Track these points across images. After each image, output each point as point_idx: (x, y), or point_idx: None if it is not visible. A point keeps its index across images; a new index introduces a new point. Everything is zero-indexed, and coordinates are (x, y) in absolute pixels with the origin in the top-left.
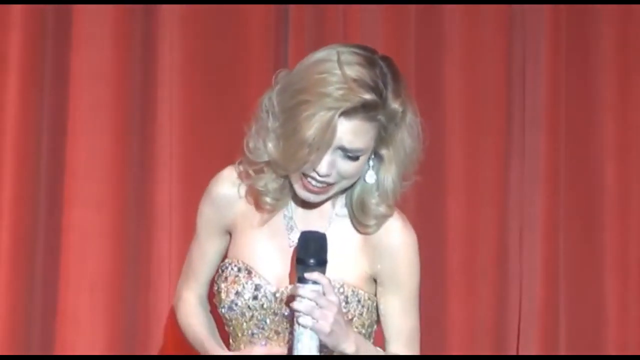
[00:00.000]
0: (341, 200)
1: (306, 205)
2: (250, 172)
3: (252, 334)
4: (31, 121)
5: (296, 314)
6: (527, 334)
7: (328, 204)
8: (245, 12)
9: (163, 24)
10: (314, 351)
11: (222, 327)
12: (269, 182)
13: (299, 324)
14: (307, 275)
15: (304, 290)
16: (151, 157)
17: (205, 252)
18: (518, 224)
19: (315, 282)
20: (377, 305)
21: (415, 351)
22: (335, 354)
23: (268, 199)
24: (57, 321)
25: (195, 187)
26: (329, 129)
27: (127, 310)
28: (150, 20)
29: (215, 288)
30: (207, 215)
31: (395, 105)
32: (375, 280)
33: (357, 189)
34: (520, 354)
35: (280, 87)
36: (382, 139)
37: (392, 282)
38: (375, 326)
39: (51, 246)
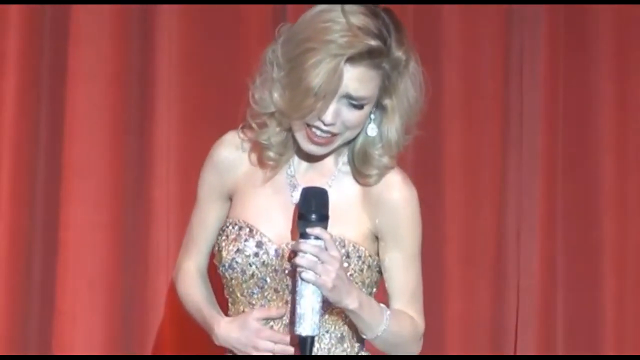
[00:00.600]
0: (343, 157)
1: (309, 161)
2: (254, 125)
3: (252, 293)
4: (29, 119)
5: (298, 269)
6: (525, 333)
7: (331, 161)
8: (243, 11)
9: (161, 23)
10: (316, 307)
11: (222, 294)
12: (272, 135)
13: (301, 279)
14: (309, 230)
15: (306, 245)
16: (149, 155)
17: (206, 218)
18: (516, 221)
19: (317, 238)
20: (378, 266)
21: (418, 310)
22: (338, 309)
23: (271, 154)
24: (55, 318)
25: (193, 184)
26: (335, 75)
27: (124, 308)
28: (148, 19)
29: (216, 248)
30: (209, 181)
31: (399, 53)
32: (377, 238)
33: (359, 143)
34: (518, 353)
35: (284, 39)
36: (386, 88)
37: (393, 237)
38: (375, 288)
39: (49, 244)
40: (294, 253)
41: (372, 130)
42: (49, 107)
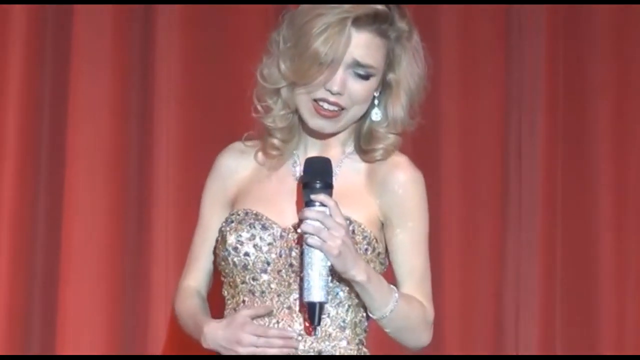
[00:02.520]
0: (349, 147)
1: (315, 150)
2: (260, 108)
3: (254, 278)
4: (32, 118)
5: (304, 237)
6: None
7: (336, 151)
8: (244, 11)
9: (162, 23)
10: (324, 274)
11: (218, 295)
12: (277, 118)
13: (307, 245)
14: (313, 197)
15: (311, 212)
16: (149, 155)
17: (207, 231)
18: (516, 226)
19: (322, 205)
20: (382, 256)
21: (427, 295)
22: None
23: (275, 141)
24: (57, 319)
25: (193, 179)
26: (342, 38)
27: (125, 309)
28: (149, 19)
29: (219, 237)
30: (212, 190)
31: (402, 23)
32: (382, 225)
33: (365, 127)
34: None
35: (289, 18)
36: (390, 63)
37: (399, 217)
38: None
39: (50, 245)
40: (300, 222)
41: (376, 115)
42: (52, 105)
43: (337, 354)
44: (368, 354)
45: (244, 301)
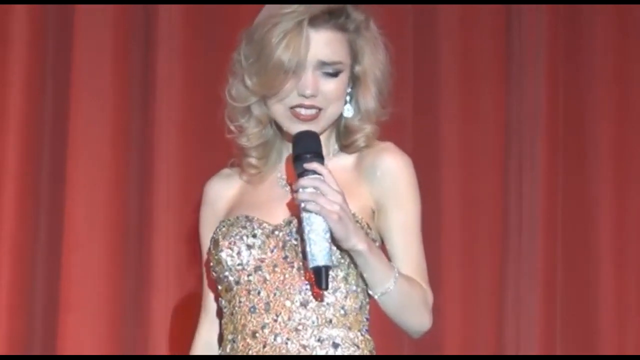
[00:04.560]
0: (334, 145)
1: None
2: (233, 128)
3: (249, 276)
4: (34, 123)
5: (302, 205)
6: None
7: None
8: (244, 12)
9: (163, 25)
10: (326, 237)
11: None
12: (251, 136)
13: (306, 211)
14: (306, 165)
15: (305, 180)
16: (149, 155)
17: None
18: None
19: (315, 173)
20: (378, 241)
21: (424, 277)
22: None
23: (252, 159)
24: (58, 319)
25: (192, 183)
26: (301, 40)
27: (126, 310)
28: (150, 21)
29: (212, 242)
30: (205, 217)
31: (357, 14)
32: (374, 214)
33: (341, 125)
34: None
35: (247, 35)
36: (354, 55)
37: (391, 201)
38: None
39: (52, 248)
40: (295, 192)
41: (348, 111)
42: (54, 109)
43: (340, 343)
44: (371, 341)
45: (240, 301)
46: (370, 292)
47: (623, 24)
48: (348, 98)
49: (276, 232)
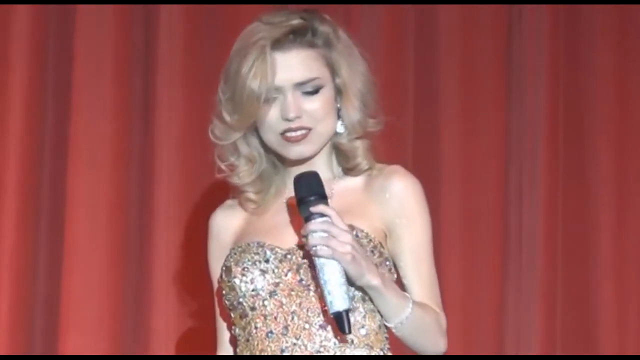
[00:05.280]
0: (337, 168)
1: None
2: (224, 168)
3: (264, 300)
4: (35, 117)
5: (313, 250)
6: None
7: (325, 172)
8: (245, 12)
9: (163, 26)
10: (342, 281)
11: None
12: (242, 174)
13: (318, 257)
14: (312, 209)
15: (313, 224)
16: (150, 155)
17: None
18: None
19: (322, 215)
20: (390, 260)
21: (436, 300)
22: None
23: (249, 194)
24: (60, 320)
25: (192, 182)
26: (266, 66)
27: (127, 311)
28: (150, 21)
29: (223, 269)
30: (212, 250)
31: (324, 27)
32: (386, 236)
33: (335, 144)
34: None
35: (223, 73)
36: (332, 69)
37: (402, 223)
38: None
39: (53, 250)
40: (304, 238)
41: (340, 127)
42: (55, 110)
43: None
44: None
45: (256, 327)
46: (386, 323)
47: (623, 24)
48: (339, 114)
49: (289, 256)
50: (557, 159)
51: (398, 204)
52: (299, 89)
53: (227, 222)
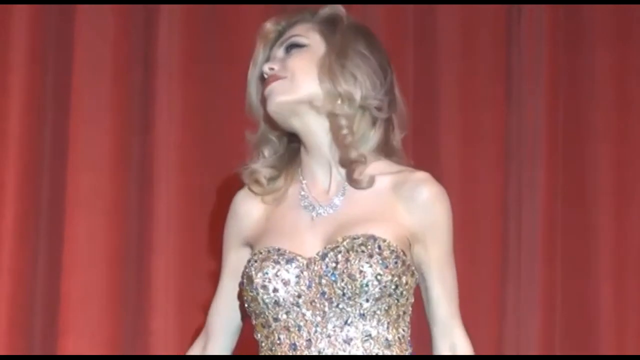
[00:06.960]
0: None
1: (317, 179)
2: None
3: (287, 312)
4: (35, 118)
5: None
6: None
7: (338, 175)
8: (245, 12)
9: (163, 26)
10: None
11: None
12: (261, 155)
13: None
14: None
15: None
16: (150, 154)
17: (227, 267)
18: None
19: None
20: (413, 266)
21: (460, 323)
22: None
23: (260, 177)
24: (60, 320)
25: (192, 180)
26: (258, 56)
27: (127, 314)
28: (150, 21)
29: (245, 277)
30: (230, 230)
31: (329, 12)
32: (410, 243)
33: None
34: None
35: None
36: (327, 40)
37: (431, 235)
38: (409, 308)
39: (52, 252)
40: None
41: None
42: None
43: None
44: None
45: (279, 339)
46: None
47: (623, 25)
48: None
49: (311, 267)
50: (557, 161)
51: (426, 215)
52: (282, 46)
53: (251, 210)
